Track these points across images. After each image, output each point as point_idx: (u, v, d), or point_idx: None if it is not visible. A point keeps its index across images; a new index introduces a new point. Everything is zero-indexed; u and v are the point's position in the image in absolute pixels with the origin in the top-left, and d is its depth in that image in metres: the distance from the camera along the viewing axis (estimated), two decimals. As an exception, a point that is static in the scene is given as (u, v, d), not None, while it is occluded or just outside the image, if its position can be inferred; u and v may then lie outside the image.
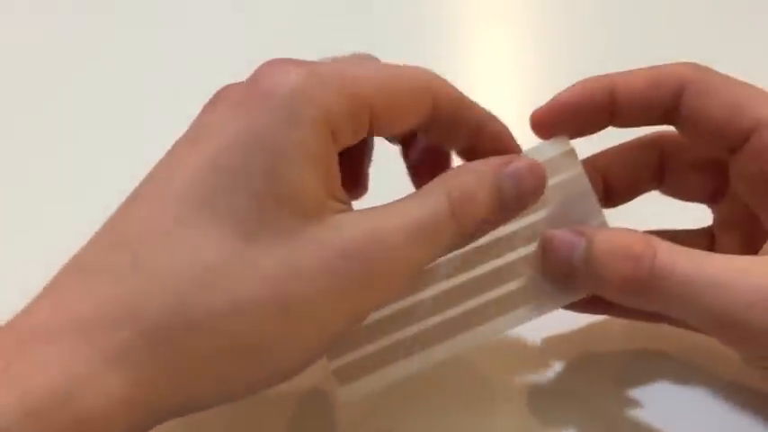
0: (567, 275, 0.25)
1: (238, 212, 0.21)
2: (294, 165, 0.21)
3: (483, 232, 0.24)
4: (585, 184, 0.26)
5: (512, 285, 0.26)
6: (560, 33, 0.49)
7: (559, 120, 0.26)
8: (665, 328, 0.28)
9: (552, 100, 0.26)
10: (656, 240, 0.23)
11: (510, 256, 0.26)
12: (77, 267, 0.21)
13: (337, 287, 0.21)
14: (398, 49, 0.47)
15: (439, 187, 0.23)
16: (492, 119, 0.26)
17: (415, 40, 0.48)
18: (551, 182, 0.25)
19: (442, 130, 0.25)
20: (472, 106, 0.25)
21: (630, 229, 0.25)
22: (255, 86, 0.22)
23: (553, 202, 0.26)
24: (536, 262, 0.26)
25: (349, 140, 0.23)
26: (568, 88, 0.26)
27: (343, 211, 0.22)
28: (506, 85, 0.45)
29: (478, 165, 0.24)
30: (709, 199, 0.29)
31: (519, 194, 0.24)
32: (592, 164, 0.28)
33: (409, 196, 0.23)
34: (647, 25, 0.47)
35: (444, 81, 0.25)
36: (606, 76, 0.26)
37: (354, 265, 0.21)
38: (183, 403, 0.21)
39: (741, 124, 0.24)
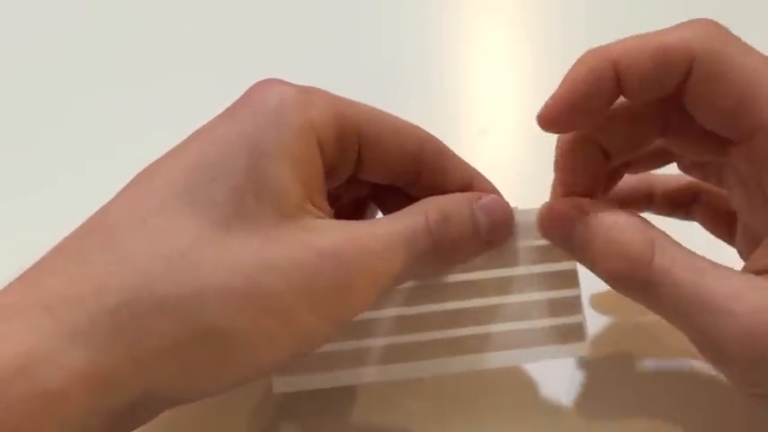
0: (564, 248, 0.25)
1: (216, 204, 0.21)
2: (276, 163, 0.22)
3: (459, 258, 0.25)
4: (574, 273, 0.26)
5: (471, 330, 0.26)
6: (560, 25, 0.49)
7: (567, 117, 0.24)
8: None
9: (557, 95, 0.24)
10: (659, 239, 0.23)
11: (477, 302, 0.26)
12: (55, 252, 0.21)
13: (309, 285, 0.21)
14: (399, 48, 0.48)
15: (417, 207, 0.24)
16: (479, 176, 0.27)
17: (416, 38, 0.48)
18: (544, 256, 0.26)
19: (428, 184, 0.26)
20: (460, 162, 0.26)
21: (634, 218, 0.24)
22: (247, 98, 0.23)
23: (537, 267, 0.26)
24: (500, 314, 0.26)
25: (336, 158, 0.24)
26: (570, 75, 0.24)
27: (323, 218, 0.23)
28: (508, 76, 0.45)
29: (454, 195, 0.25)
30: (717, 152, 0.26)
31: (491, 224, 0.25)
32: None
33: (389, 215, 0.24)
34: (646, 22, 0.47)
35: (433, 135, 0.26)
36: (608, 52, 0.23)
37: (328, 264, 0.21)
38: (147, 388, 0.20)
39: (745, 121, 0.22)
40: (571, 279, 0.26)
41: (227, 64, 0.47)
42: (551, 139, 0.26)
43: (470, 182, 0.26)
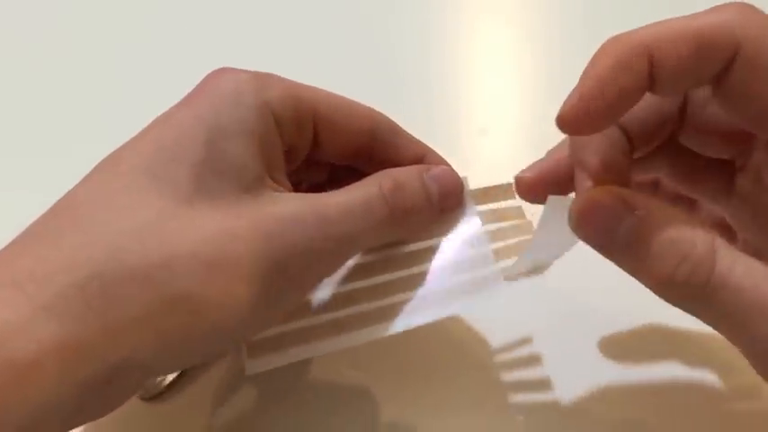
0: (601, 246, 0.21)
1: (178, 182, 0.22)
2: (234, 140, 0.23)
3: (415, 225, 0.26)
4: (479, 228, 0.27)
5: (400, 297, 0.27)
6: (560, 25, 0.48)
7: (594, 117, 0.20)
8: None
9: (582, 93, 0.20)
10: (718, 239, 0.20)
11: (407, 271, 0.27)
12: (23, 236, 0.22)
13: (270, 250, 0.22)
14: (399, 49, 0.48)
15: (371, 178, 0.25)
16: (431, 152, 0.28)
17: (416, 38, 0.48)
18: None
19: (382, 161, 0.27)
20: (411, 139, 0.28)
21: (687, 215, 0.21)
22: (202, 85, 0.24)
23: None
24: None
25: (294, 137, 0.25)
26: (595, 70, 0.20)
27: (282, 191, 0.24)
28: (508, 76, 0.45)
29: (406, 167, 0.26)
30: (734, 153, 0.24)
31: (441, 192, 0.26)
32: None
33: (345, 187, 0.25)
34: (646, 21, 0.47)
35: (385, 115, 0.27)
36: (638, 39, 0.20)
37: (288, 230, 0.22)
38: (122, 357, 0.20)
39: None
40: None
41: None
42: (551, 139, 0.26)
43: (422, 157, 0.27)
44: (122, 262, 0.20)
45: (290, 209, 0.23)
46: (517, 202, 0.27)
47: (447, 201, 0.27)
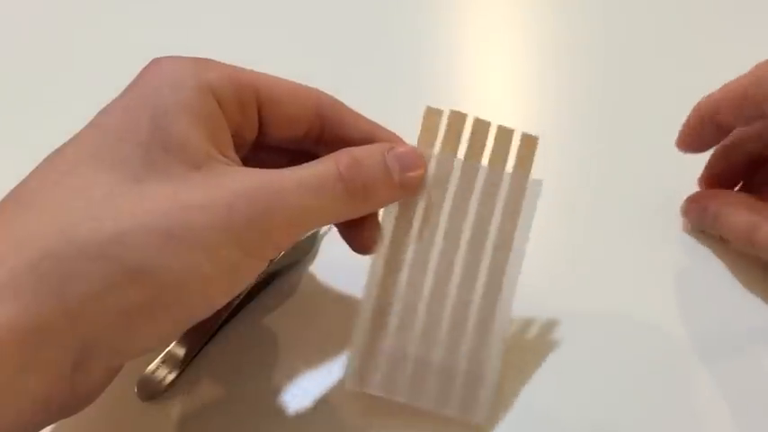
0: (700, 224, 0.33)
1: (125, 161, 0.22)
2: (177, 118, 0.22)
3: (374, 201, 0.26)
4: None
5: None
6: (560, 24, 0.48)
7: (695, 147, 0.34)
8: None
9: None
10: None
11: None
12: None
13: (228, 221, 0.22)
14: (398, 48, 0.47)
15: (330, 156, 0.25)
16: (381, 129, 0.28)
17: (415, 39, 0.48)
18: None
19: (332, 142, 0.27)
20: (359, 116, 0.27)
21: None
22: (143, 73, 0.24)
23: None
24: None
25: (239, 120, 0.25)
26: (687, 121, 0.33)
27: (233, 165, 0.24)
28: (509, 76, 0.45)
29: (367, 145, 0.26)
30: None
31: (402, 168, 0.26)
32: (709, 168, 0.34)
33: (301, 165, 0.25)
34: (646, 20, 0.48)
35: (330, 95, 0.27)
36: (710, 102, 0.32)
37: (243, 202, 0.22)
38: (85, 339, 0.20)
39: None
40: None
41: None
42: (550, 138, 0.26)
43: (372, 134, 0.27)
44: (74, 239, 0.20)
45: (243, 181, 0.23)
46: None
47: (409, 178, 0.26)
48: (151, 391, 0.29)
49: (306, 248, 0.35)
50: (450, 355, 0.27)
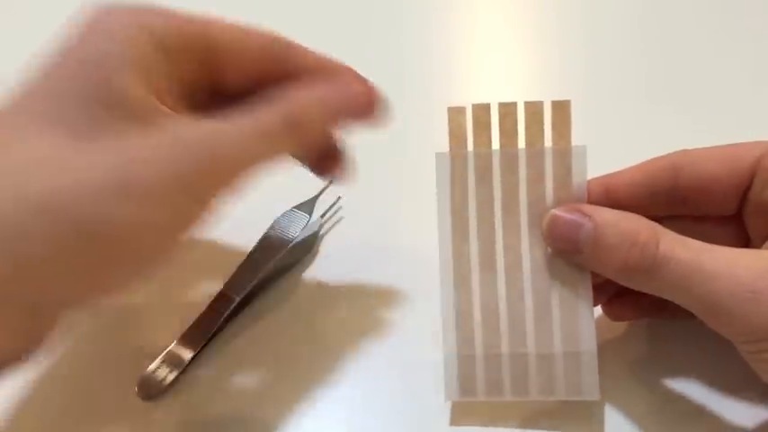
0: (572, 253, 0.26)
1: (69, 118, 0.22)
2: (117, 72, 0.22)
3: (311, 135, 0.26)
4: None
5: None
6: (560, 24, 0.49)
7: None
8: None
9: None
10: (659, 227, 0.25)
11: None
12: None
13: (173, 169, 0.22)
14: (399, 49, 0.47)
15: (271, 101, 0.25)
16: (335, 63, 0.28)
17: (416, 38, 0.48)
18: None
19: (286, 80, 0.26)
20: (312, 53, 0.27)
21: (631, 213, 0.26)
22: (84, 23, 0.24)
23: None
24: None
25: (188, 65, 0.25)
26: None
27: (176, 116, 0.23)
28: (508, 76, 0.45)
29: (306, 88, 0.26)
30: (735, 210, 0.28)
31: (349, 104, 0.26)
32: (604, 184, 0.28)
33: (241, 112, 0.25)
34: (644, 20, 0.48)
35: (281, 34, 0.27)
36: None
37: (186, 150, 0.22)
38: (40, 291, 0.20)
39: None
40: None
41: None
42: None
43: (325, 68, 0.27)
44: (24, 196, 0.20)
45: (186, 130, 0.23)
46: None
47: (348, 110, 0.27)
48: (151, 391, 0.29)
49: (306, 248, 0.35)
50: (543, 342, 0.27)
